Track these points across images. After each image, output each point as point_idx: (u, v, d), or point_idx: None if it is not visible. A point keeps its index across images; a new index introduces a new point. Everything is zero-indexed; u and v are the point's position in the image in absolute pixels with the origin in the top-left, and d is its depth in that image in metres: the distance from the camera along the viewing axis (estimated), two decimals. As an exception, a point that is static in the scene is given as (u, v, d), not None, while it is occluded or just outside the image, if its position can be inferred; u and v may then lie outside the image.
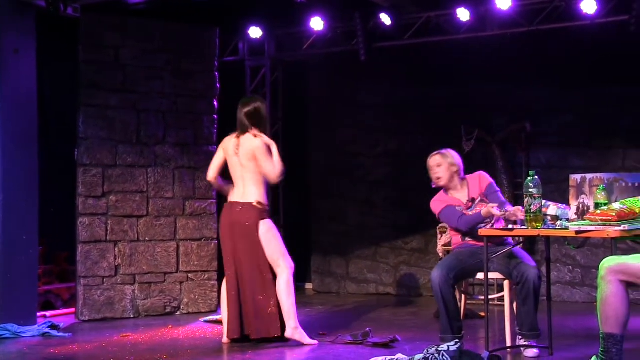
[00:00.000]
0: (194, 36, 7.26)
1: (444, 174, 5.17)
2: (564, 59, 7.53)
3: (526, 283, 4.76)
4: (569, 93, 7.66)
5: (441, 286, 4.83)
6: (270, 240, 5.44)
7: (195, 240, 7.18)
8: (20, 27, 6.23)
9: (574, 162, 7.62)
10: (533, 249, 7.56)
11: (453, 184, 5.19)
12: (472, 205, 5.08)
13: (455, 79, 8.00)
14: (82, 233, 6.74)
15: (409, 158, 8.29)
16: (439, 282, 4.84)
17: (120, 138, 6.92)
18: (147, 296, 6.96)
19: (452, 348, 4.38)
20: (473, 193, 5.14)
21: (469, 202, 5.11)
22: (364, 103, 8.58)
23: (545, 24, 7.10)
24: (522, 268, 4.81)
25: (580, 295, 7.59)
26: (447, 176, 5.16)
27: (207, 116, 7.27)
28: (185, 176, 7.15)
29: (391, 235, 8.39)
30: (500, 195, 5.17)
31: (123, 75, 6.95)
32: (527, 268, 4.79)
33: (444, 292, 4.83)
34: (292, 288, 5.41)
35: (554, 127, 7.74)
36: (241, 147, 5.46)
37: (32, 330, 5.97)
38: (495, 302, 6.85)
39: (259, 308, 5.39)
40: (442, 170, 5.17)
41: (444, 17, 7.50)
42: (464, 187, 5.19)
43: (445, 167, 5.16)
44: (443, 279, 4.84)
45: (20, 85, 6.23)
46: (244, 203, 5.44)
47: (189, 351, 5.26)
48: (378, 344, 5.24)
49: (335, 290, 8.64)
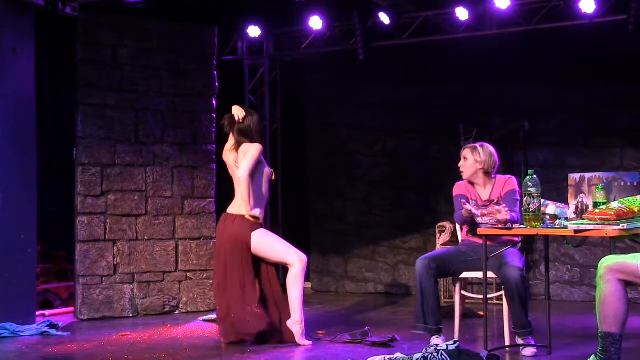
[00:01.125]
0: (192, 35, 7.25)
1: (468, 169, 5.15)
2: (562, 58, 7.53)
3: (508, 284, 4.80)
4: (567, 92, 7.66)
5: (421, 273, 4.92)
6: (267, 247, 5.45)
7: (194, 239, 7.17)
8: (19, 26, 6.21)
9: (572, 161, 7.63)
10: (532, 248, 7.58)
11: (477, 180, 5.16)
12: (487, 205, 5.07)
13: (454, 78, 7.99)
14: (81, 232, 6.73)
15: (407, 157, 8.31)
16: (419, 269, 4.94)
17: (118, 137, 6.90)
18: (146, 295, 6.95)
19: (451, 347, 4.37)
20: (495, 194, 5.12)
21: (486, 201, 5.09)
22: (362, 102, 8.57)
23: (544, 23, 7.11)
24: (505, 269, 4.82)
25: (579, 295, 7.60)
26: (470, 171, 5.14)
27: (205, 115, 7.26)
28: (184, 175, 7.15)
29: (390, 234, 8.39)
30: (517, 204, 5.06)
31: (121, 74, 6.94)
32: (510, 269, 4.79)
33: (423, 279, 4.91)
34: (299, 281, 5.41)
35: (552, 126, 7.74)
36: (239, 160, 5.47)
37: (30, 329, 5.95)
38: (494, 301, 6.86)
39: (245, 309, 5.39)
40: (467, 165, 5.15)
41: (443, 17, 7.51)
42: (488, 186, 5.16)
43: (471, 162, 5.14)
44: (424, 267, 4.93)
45: (18, 84, 6.21)
46: (237, 215, 5.45)
47: (187, 350, 5.24)
48: (377, 343, 5.23)
49: (333, 290, 8.64)
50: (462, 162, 5.18)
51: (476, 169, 5.13)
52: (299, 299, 5.40)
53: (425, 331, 4.95)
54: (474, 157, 5.13)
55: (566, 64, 7.53)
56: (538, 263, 7.65)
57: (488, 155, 5.14)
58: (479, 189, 5.18)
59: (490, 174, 5.17)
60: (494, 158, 5.16)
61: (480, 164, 5.12)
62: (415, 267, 4.99)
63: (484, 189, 5.17)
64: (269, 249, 5.45)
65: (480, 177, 5.16)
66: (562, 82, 7.63)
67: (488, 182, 5.18)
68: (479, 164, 5.12)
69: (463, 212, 4.91)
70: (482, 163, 5.12)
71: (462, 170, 5.18)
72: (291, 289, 5.40)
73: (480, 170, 5.13)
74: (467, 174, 5.16)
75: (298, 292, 5.40)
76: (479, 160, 5.12)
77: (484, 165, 5.12)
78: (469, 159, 5.15)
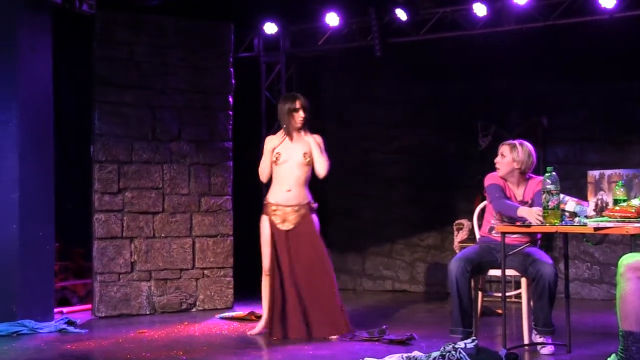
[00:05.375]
0: (208, 32, 7.24)
1: (504, 167, 5.04)
2: (581, 54, 7.45)
3: (541, 280, 4.73)
4: (586, 88, 7.59)
5: (457, 277, 4.81)
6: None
7: (211, 236, 7.16)
8: (36, 25, 6.23)
9: (592, 157, 7.57)
10: (551, 245, 7.52)
11: (512, 178, 5.06)
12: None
13: (471, 75, 7.95)
14: (98, 229, 6.74)
15: (424, 154, 8.28)
16: (455, 272, 4.82)
17: (135, 134, 6.91)
18: (163, 293, 6.96)
19: (469, 345, 4.37)
20: (528, 195, 5.03)
21: (520, 202, 5.00)
22: (379, 99, 8.54)
23: (563, 18, 7.04)
24: (538, 265, 4.77)
25: (599, 293, 7.54)
26: (506, 169, 5.04)
27: (222, 112, 7.26)
28: (200, 172, 7.14)
29: (407, 231, 8.36)
30: None
31: (138, 71, 6.95)
32: (543, 265, 4.76)
33: (460, 283, 4.81)
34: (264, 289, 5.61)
35: (570, 122, 7.69)
36: None
37: (49, 326, 5.98)
38: (512, 299, 6.82)
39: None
40: (504, 162, 5.05)
41: (460, 12, 7.46)
42: (522, 185, 5.07)
43: (508, 160, 5.03)
44: (460, 270, 4.82)
45: (36, 83, 6.23)
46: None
47: (205, 348, 5.24)
48: (394, 341, 5.22)
49: (351, 287, 8.62)
50: (498, 159, 5.07)
51: (512, 167, 5.03)
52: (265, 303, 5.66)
53: (463, 335, 4.80)
54: (512, 155, 5.02)
55: (585, 60, 7.46)
56: (557, 261, 7.54)
57: (527, 154, 5.03)
58: (512, 187, 5.08)
59: (525, 174, 5.07)
60: (532, 158, 5.05)
61: (518, 164, 5.02)
62: (449, 269, 4.87)
63: (517, 188, 5.07)
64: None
65: (515, 176, 5.06)
66: (581, 78, 7.57)
67: (522, 182, 5.08)
68: (516, 163, 5.02)
69: (519, 212, 4.69)
70: (520, 163, 5.02)
71: (498, 167, 5.07)
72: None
73: (516, 169, 5.03)
74: (503, 171, 5.05)
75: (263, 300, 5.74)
76: (517, 160, 5.02)
77: (521, 166, 5.02)
78: (506, 157, 5.04)
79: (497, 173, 5.08)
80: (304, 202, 5.59)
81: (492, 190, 4.98)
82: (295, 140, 5.64)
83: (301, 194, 5.59)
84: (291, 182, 5.57)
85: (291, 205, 5.57)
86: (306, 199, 5.62)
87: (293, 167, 5.58)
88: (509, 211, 4.82)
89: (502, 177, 5.06)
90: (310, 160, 5.60)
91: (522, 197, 5.04)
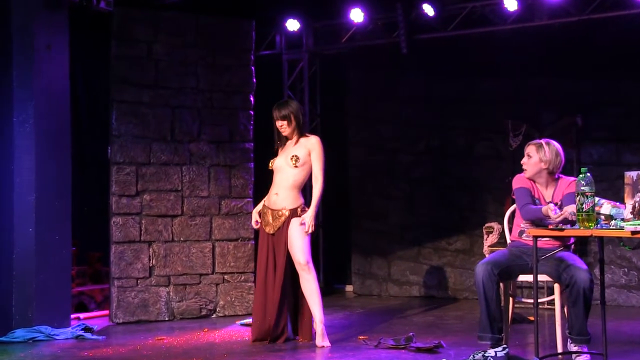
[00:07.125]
0: (229, 29, 7.16)
1: (531, 168, 4.92)
2: (616, 50, 7.32)
3: (575, 286, 4.59)
4: (621, 85, 7.45)
5: (484, 281, 4.70)
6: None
7: (232, 240, 7.06)
8: (53, 23, 6.20)
9: (628, 158, 7.44)
10: (585, 250, 7.41)
11: (540, 179, 4.94)
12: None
13: (501, 72, 7.86)
14: (116, 233, 6.67)
15: (452, 155, 8.19)
16: (482, 276, 4.71)
17: (154, 135, 6.84)
18: (182, 298, 6.86)
19: (500, 354, 4.40)
20: (557, 196, 4.90)
21: (549, 202, 4.82)
22: (405, 98, 8.46)
23: (597, 12, 6.99)
24: (572, 270, 4.64)
25: (637, 299, 7.38)
26: (533, 170, 4.91)
27: (243, 112, 7.17)
28: (220, 174, 7.04)
29: (434, 235, 8.26)
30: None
31: (156, 70, 6.89)
32: (577, 270, 4.62)
33: (487, 287, 4.69)
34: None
35: (606, 121, 7.55)
36: None
37: (65, 333, 5.95)
38: (545, 305, 6.75)
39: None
40: (531, 163, 4.93)
41: (490, 7, 7.45)
42: (551, 186, 4.94)
43: (535, 160, 4.91)
44: (487, 274, 4.70)
45: (53, 82, 6.19)
46: None
47: (225, 355, 5.19)
48: (421, 349, 5.16)
49: (376, 293, 8.51)
50: (525, 159, 4.97)
51: (540, 168, 4.90)
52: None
53: (492, 341, 4.69)
54: (538, 155, 4.90)
55: (620, 56, 7.33)
56: (592, 266, 7.38)
57: (554, 154, 4.90)
58: (540, 188, 4.96)
59: (554, 174, 4.94)
60: (560, 157, 4.93)
61: (545, 164, 4.89)
62: (475, 273, 4.77)
63: (546, 189, 4.95)
64: None
65: (543, 177, 4.93)
66: (617, 75, 7.42)
67: (551, 183, 4.95)
68: (544, 163, 4.89)
69: (543, 210, 4.61)
70: (547, 163, 4.89)
71: (525, 168, 4.96)
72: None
73: (544, 170, 4.90)
74: (530, 172, 4.93)
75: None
76: (544, 160, 4.89)
77: (549, 165, 4.89)
78: (533, 157, 4.92)
79: (524, 174, 4.98)
80: (290, 207, 5.56)
81: (519, 195, 4.89)
82: (288, 145, 5.69)
83: (288, 197, 5.57)
84: (279, 185, 5.62)
85: (275, 209, 5.59)
86: (295, 203, 5.58)
87: (281, 170, 5.63)
88: (535, 214, 4.71)
89: (530, 178, 4.96)
90: (304, 163, 5.61)
91: (552, 198, 4.92)
